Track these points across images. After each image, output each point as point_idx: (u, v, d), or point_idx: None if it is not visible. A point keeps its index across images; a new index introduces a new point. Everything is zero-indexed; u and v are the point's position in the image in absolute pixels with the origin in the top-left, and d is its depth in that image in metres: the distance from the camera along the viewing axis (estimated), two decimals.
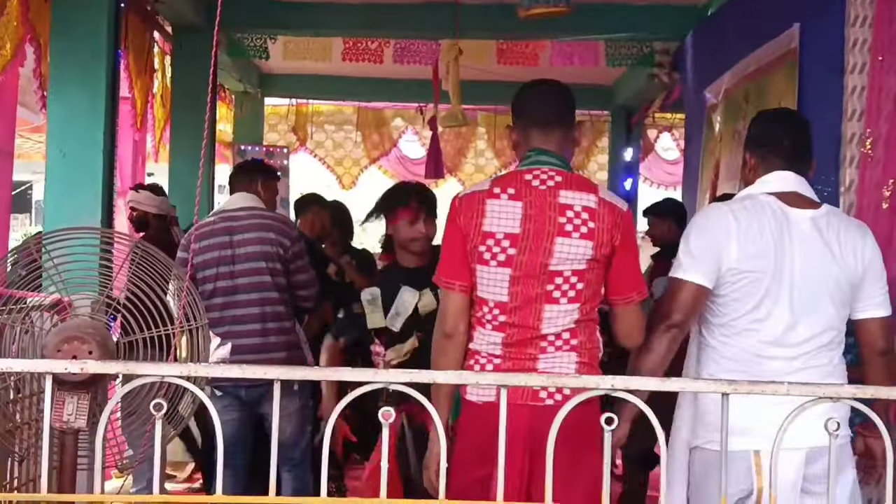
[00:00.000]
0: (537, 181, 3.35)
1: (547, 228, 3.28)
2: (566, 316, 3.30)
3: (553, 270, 3.28)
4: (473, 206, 3.34)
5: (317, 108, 13.49)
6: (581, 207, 3.30)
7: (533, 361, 3.29)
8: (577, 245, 3.28)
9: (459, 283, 3.37)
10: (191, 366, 2.43)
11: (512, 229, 3.29)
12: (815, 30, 5.54)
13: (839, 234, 3.36)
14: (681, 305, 3.33)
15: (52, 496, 2.44)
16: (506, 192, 3.33)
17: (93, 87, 5.75)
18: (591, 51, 10.14)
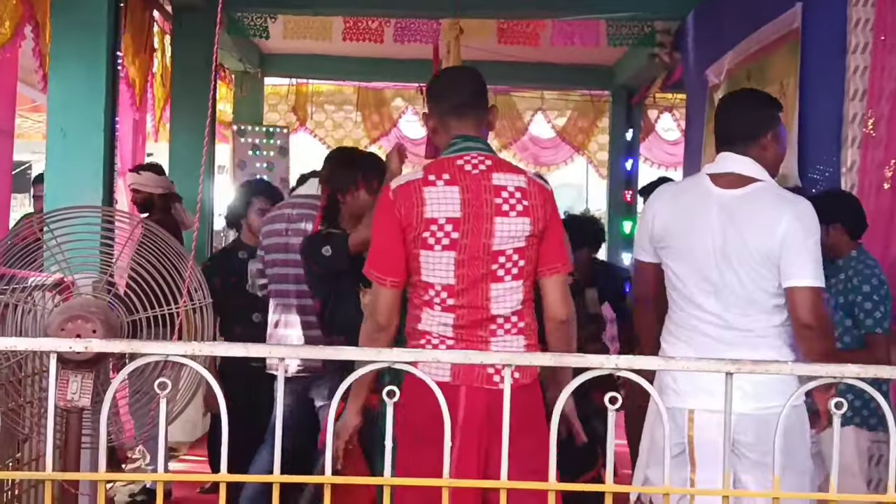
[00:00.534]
0: (469, 166, 3.43)
1: (485, 210, 3.37)
2: (512, 294, 3.40)
3: (496, 250, 3.37)
4: (411, 195, 3.38)
5: (317, 88, 13.46)
6: (514, 188, 3.41)
7: (485, 344, 3.37)
8: (516, 223, 3.38)
9: (391, 279, 3.40)
10: (194, 344, 2.43)
11: (453, 213, 3.36)
12: (818, 9, 5.53)
13: (766, 211, 3.51)
14: (639, 282, 3.76)
15: (57, 474, 2.44)
16: (441, 179, 3.40)
17: (93, 65, 5.71)
18: (592, 30, 10.11)
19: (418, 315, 3.42)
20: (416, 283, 3.42)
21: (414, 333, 3.44)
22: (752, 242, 3.48)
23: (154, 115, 8.91)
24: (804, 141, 5.58)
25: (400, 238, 3.38)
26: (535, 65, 11.62)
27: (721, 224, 3.51)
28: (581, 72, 12.18)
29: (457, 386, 3.30)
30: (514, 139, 13.57)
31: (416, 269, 3.40)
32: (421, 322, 3.41)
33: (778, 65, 6.02)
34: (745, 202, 3.53)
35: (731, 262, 3.49)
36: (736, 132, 3.65)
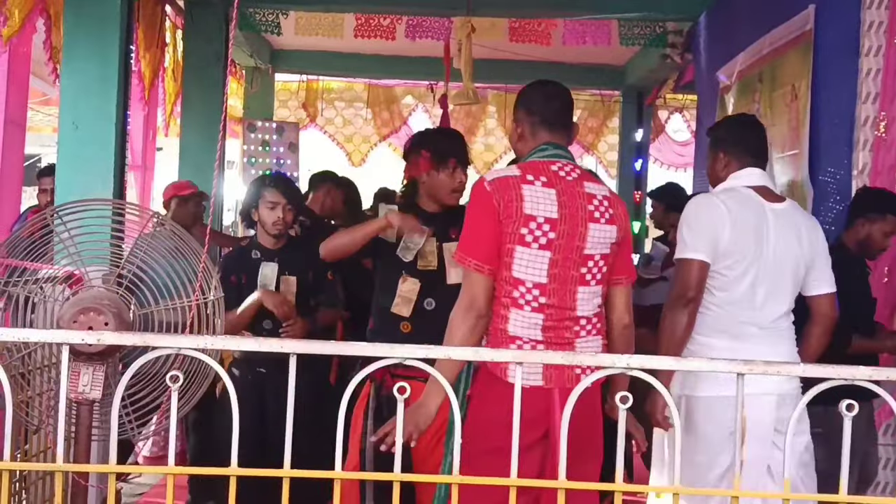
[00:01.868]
0: (563, 172, 3.53)
1: (580, 214, 3.47)
2: (594, 297, 3.52)
3: (587, 254, 3.47)
4: (509, 190, 3.44)
5: (327, 85, 13.47)
6: (602, 197, 3.55)
7: (570, 346, 3.44)
8: (606, 230, 3.51)
9: (489, 267, 3.42)
10: (206, 338, 2.43)
11: (551, 214, 3.42)
12: (831, 11, 5.52)
13: (800, 225, 4.00)
14: (693, 281, 3.86)
15: (69, 466, 2.45)
16: (539, 180, 3.47)
17: (106, 59, 5.73)
18: (604, 30, 10.11)
19: (506, 316, 3.42)
20: (505, 278, 3.43)
21: (502, 336, 3.42)
22: (797, 252, 3.95)
23: (165, 110, 8.92)
24: (815, 143, 5.57)
25: (498, 228, 3.41)
26: (546, 64, 11.60)
27: (776, 235, 3.92)
28: (592, 71, 12.17)
29: (550, 389, 3.32)
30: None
31: (508, 265, 3.42)
32: (509, 323, 3.42)
33: (790, 67, 6.00)
34: (789, 215, 3.99)
35: (783, 270, 3.93)
36: (761, 150, 4.12)
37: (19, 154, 7.06)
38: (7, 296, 3.26)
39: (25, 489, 4.26)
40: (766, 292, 3.90)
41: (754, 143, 4.12)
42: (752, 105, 6.71)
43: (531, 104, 3.73)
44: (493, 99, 13.45)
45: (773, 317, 3.92)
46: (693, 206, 4.01)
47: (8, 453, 2.32)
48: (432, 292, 4.29)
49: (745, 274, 3.88)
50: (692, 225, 3.92)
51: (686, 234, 3.91)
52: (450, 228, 4.30)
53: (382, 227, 4.37)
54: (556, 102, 3.71)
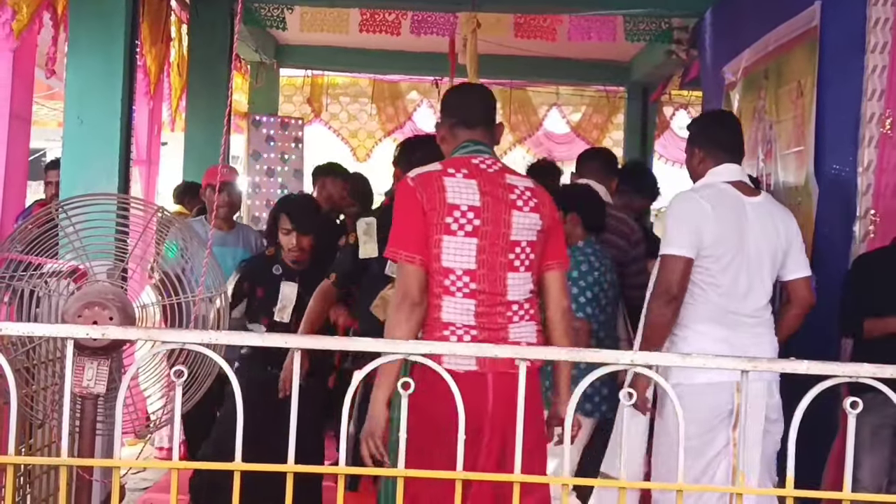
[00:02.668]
0: (483, 165, 3.67)
1: (502, 203, 3.60)
2: (525, 284, 3.62)
3: (513, 241, 3.60)
4: (431, 183, 3.57)
5: (332, 80, 13.46)
6: (524, 187, 3.69)
7: (504, 331, 3.55)
8: (529, 217, 3.64)
9: (420, 257, 3.52)
10: (210, 333, 2.44)
11: (473, 202, 3.56)
12: (837, 8, 5.51)
13: (776, 216, 4.22)
14: (677, 277, 4.02)
15: (73, 460, 2.45)
16: (459, 172, 3.61)
17: (111, 54, 5.73)
18: (609, 26, 10.09)
19: (439, 304, 3.51)
20: (436, 269, 3.52)
21: (436, 324, 3.51)
22: (774, 243, 4.16)
23: (170, 105, 8.92)
24: (821, 140, 5.56)
25: (423, 220, 3.52)
26: (551, 60, 11.60)
27: (754, 227, 4.12)
28: (597, 67, 12.16)
29: (483, 373, 3.40)
30: (528, 134, 13.56)
31: (437, 256, 3.51)
32: (442, 311, 3.50)
33: (796, 63, 5.99)
34: (765, 208, 4.20)
35: (763, 261, 4.14)
36: (736, 146, 4.33)
37: (24, 148, 7.05)
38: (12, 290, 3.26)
39: (30, 483, 4.26)
40: (748, 283, 4.11)
41: (728, 139, 4.31)
42: (758, 101, 6.70)
43: (449, 108, 3.87)
44: (498, 95, 13.38)
45: (757, 306, 4.14)
46: (675, 204, 4.17)
47: (13, 447, 2.32)
48: None
49: (729, 266, 4.08)
50: (675, 222, 4.09)
51: (670, 231, 4.08)
52: None
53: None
54: (474, 104, 3.84)
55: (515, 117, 13.43)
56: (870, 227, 5.00)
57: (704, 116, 4.80)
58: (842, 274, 5.03)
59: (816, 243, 5.55)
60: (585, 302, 4.92)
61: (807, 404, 2.12)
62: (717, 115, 4.83)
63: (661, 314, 4.02)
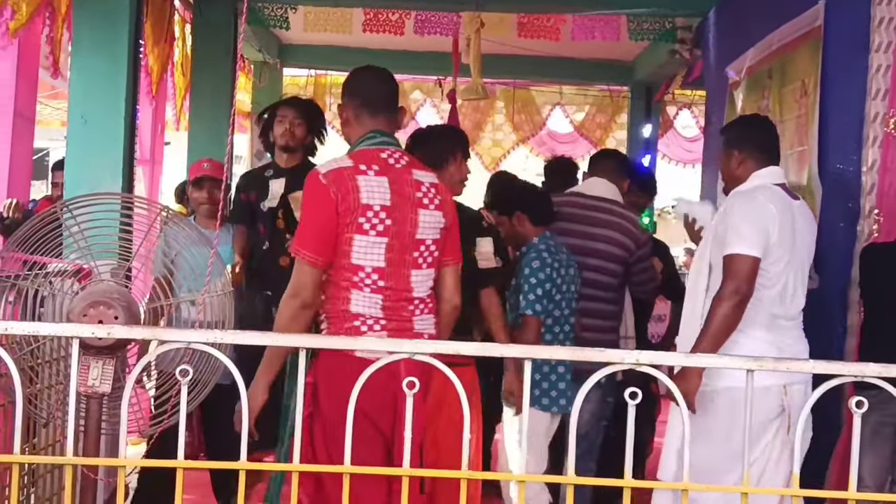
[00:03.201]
0: (392, 160, 3.73)
1: (410, 201, 3.69)
2: (427, 280, 3.76)
3: (419, 239, 3.71)
4: (345, 182, 3.59)
5: (335, 80, 13.43)
6: (429, 184, 3.77)
7: (409, 322, 3.68)
8: (434, 216, 3.75)
9: (323, 259, 3.58)
10: (216, 332, 2.44)
11: (385, 202, 3.62)
12: (841, 7, 5.50)
13: (811, 220, 4.41)
14: (748, 276, 4.01)
15: (79, 459, 2.46)
16: (371, 169, 3.65)
17: (114, 53, 5.74)
18: (613, 25, 10.09)
19: (347, 297, 3.60)
20: (344, 265, 3.59)
21: (344, 315, 3.60)
22: (811, 247, 4.31)
23: (175, 105, 8.92)
24: (825, 139, 5.55)
25: (335, 220, 3.56)
26: (555, 59, 11.59)
27: (801, 230, 4.23)
28: (600, 67, 12.16)
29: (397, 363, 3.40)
30: (532, 133, 13.55)
31: (347, 253, 3.58)
32: (351, 304, 3.59)
33: (799, 63, 5.99)
34: (806, 211, 4.36)
35: (805, 265, 4.27)
36: (777, 149, 4.41)
37: (28, 148, 7.07)
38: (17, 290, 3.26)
39: (34, 482, 4.26)
40: (794, 286, 4.19)
41: (769, 141, 4.40)
42: (762, 101, 6.69)
43: (354, 88, 3.91)
44: (502, 94, 13.43)
45: (799, 308, 4.24)
46: (740, 204, 4.17)
47: (18, 446, 2.33)
48: None
49: (784, 269, 4.14)
50: (744, 221, 4.09)
51: (739, 230, 4.06)
52: None
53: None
54: (379, 87, 3.89)
55: (519, 117, 13.42)
56: (874, 226, 4.99)
57: (742, 120, 4.86)
58: (845, 273, 5.03)
59: (820, 243, 5.51)
60: (535, 299, 4.93)
61: (812, 403, 2.12)
62: (756, 119, 4.86)
63: (732, 315, 3.99)
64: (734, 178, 4.34)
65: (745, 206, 4.17)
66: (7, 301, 3.29)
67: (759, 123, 4.66)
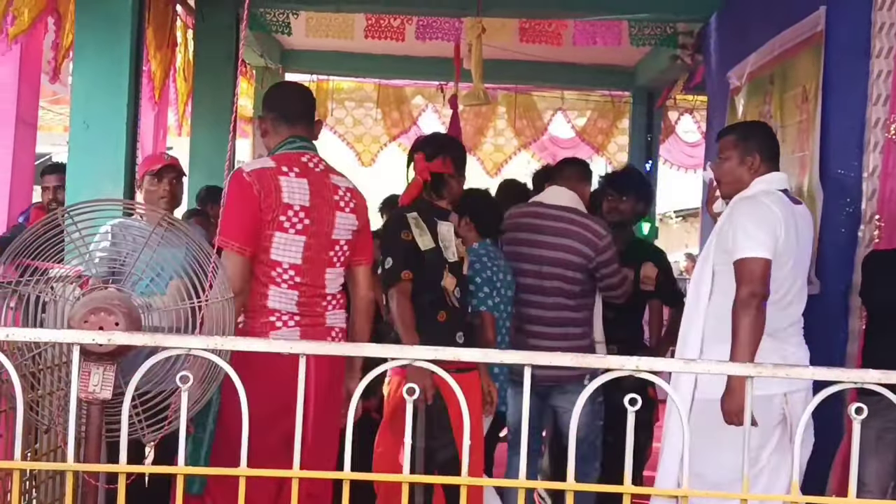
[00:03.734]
0: (311, 163, 4.01)
1: (328, 204, 3.97)
2: (338, 277, 4.05)
3: (334, 239, 3.99)
4: (268, 181, 3.86)
5: (337, 85, 13.46)
6: (345, 189, 4.07)
7: (322, 318, 3.96)
8: (348, 218, 4.04)
9: (250, 249, 3.82)
10: (216, 339, 2.44)
11: (304, 202, 3.90)
12: (842, 12, 5.50)
13: (811, 226, 4.44)
14: (763, 278, 3.99)
15: (79, 466, 2.46)
16: (292, 171, 3.92)
17: (117, 58, 5.75)
18: (614, 31, 10.10)
19: (265, 293, 3.83)
20: (263, 260, 3.83)
21: (261, 310, 3.83)
22: (810, 253, 4.37)
23: (177, 110, 8.93)
24: (826, 145, 5.55)
25: (258, 216, 3.82)
26: (556, 65, 11.61)
27: (803, 236, 4.25)
28: (602, 72, 12.17)
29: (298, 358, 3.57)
30: (533, 139, 13.55)
31: (266, 249, 3.83)
32: (269, 299, 3.83)
33: (801, 68, 5.99)
34: (807, 217, 4.37)
35: (806, 270, 4.32)
36: (778, 154, 4.41)
37: (30, 153, 7.08)
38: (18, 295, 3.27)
39: (35, 488, 4.27)
40: (796, 292, 4.21)
41: (777, 147, 4.43)
42: (763, 106, 6.69)
43: (272, 102, 4.17)
44: (503, 100, 13.43)
45: (799, 313, 4.25)
46: (747, 208, 4.16)
47: (19, 452, 2.33)
48: (459, 283, 4.66)
49: (789, 274, 4.15)
50: (753, 224, 4.07)
51: (749, 234, 4.04)
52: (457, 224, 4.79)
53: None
54: (295, 100, 4.17)
55: (520, 122, 13.43)
56: (875, 231, 4.99)
57: (756, 125, 4.83)
58: (846, 279, 5.03)
59: (821, 248, 5.54)
60: (485, 296, 5.11)
61: (812, 409, 2.12)
62: (765, 125, 4.92)
63: (756, 318, 3.94)
64: (740, 182, 4.32)
65: (752, 209, 4.15)
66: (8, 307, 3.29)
67: (768, 129, 4.67)
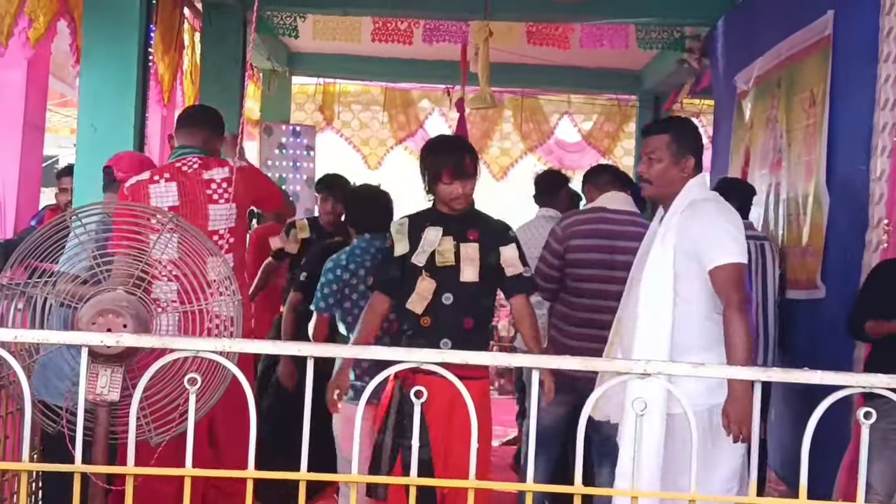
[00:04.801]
0: (185, 167, 4.68)
1: (200, 199, 4.60)
2: (224, 264, 4.03)
3: (211, 230, 4.52)
4: (140, 192, 4.54)
5: (344, 88, 13.47)
6: (220, 179, 4.66)
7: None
8: (225, 208, 4.62)
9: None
10: (224, 341, 2.44)
11: (172, 203, 4.52)
12: (850, 17, 5.50)
13: None
14: (745, 284, 3.84)
15: (86, 467, 2.46)
16: (162, 178, 4.62)
17: (124, 61, 5.76)
18: (621, 34, 10.10)
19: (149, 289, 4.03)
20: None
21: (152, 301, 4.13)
22: None
23: None
24: (833, 149, 5.55)
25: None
26: (563, 68, 11.61)
27: None
28: (608, 76, 12.17)
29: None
30: (539, 142, 13.55)
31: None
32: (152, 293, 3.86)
33: (808, 72, 5.99)
34: None
35: None
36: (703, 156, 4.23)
37: (38, 156, 7.09)
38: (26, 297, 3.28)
39: (42, 489, 4.28)
40: None
41: (703, 148, 4.19)
42: (770, 110, 6.69)
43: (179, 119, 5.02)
44: (510, 103, 13.44)
45: None
46: (722, 212, 3.96)
47: (27, 454, 2.33)
48: (450, 288, 4.40)
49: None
50: (733, 229, 3.88)
51: (733, 238, 3.84)
52: (467, 230, 4.44)
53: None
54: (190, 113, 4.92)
55: (527, 125, 13.43)
56: (883, 236, 4.98)
57: (689, 124, 4.41)
58: (854, 284, 5.02)
59: (827, 253, 5.53)
60: (321, 297, 5.06)
61: (821, 413, 2.12)
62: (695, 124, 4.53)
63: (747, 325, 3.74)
64: (672, 185, 4.01)
65: (725, 213, 3.97)
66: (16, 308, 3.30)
67: (697, 128, 4.33)
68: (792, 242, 6.09)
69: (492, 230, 4.48)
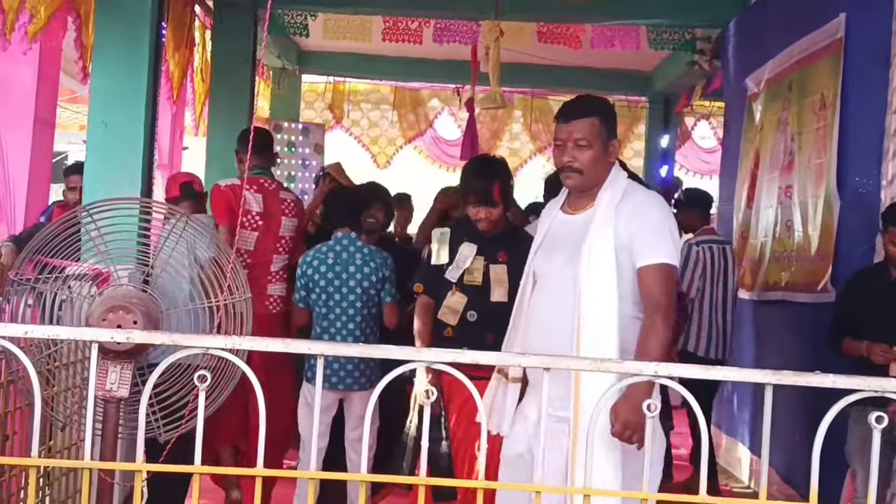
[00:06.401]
0: (266, 184, 5.94)
1: (277, 210, 5.89)
2: (282, 262, 5.93)
3: (280, 235, 5.89)
4: (234, 191, 5.63)
5: (354, 87, 13.49)
6: (290, 200, 6.02)
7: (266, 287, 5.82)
8: (292, 221, 5.96)
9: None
10: (234, 338, 2.44)
11: (258, 209, 5.82)
12: (862, 20, 5.49)
13: None
14: (673, 291, 3.50)
15: (96, 463, 2.46)
16: (251, 188, 5.78)
17: (135, 58, 5.75)
18: (633, 35, 10.10)
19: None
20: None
21: None
22: None
23: (194, 110, 8.95)
24: (844, 153, 5.54)
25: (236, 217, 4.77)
26: (573, 69, 11.61)
27: None
28: (619, 77, 12.16)
29: None
30: (549, 143, 13.52)
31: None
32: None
33: (819, 75, 5.98)
34: None
35: None
36: None
37: (48, 152, 7.10)
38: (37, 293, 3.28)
39: (50, 485, 4.28)
40: None
41: None
42: (781, 113, 6.68)
43: (241, 142, 5.68)
44: (519, 103, 13.44)
45: None
46: (663, 209, 3.64)
47: (36, 450, 2.33)
48: (475, 306, 4.57)
49: None
50: (670, 227, 3.55)
51: (671, 237, 3.52)
52: (497, 252, 4.60)
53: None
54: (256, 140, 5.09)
55: (536, 126, 13.43)
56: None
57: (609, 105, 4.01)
58: None
59: (837, 256, 5.52)
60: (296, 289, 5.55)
61: (832, 417, 2.12)
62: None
63: (668, 333, 3.43)
64: (600, 175, 3.65)
65: (666, 212, 3.63)
66: (26, 304, 3.30)
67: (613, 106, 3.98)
68: (802, 246, 6.08)
69: (521, 253, 4.39)
